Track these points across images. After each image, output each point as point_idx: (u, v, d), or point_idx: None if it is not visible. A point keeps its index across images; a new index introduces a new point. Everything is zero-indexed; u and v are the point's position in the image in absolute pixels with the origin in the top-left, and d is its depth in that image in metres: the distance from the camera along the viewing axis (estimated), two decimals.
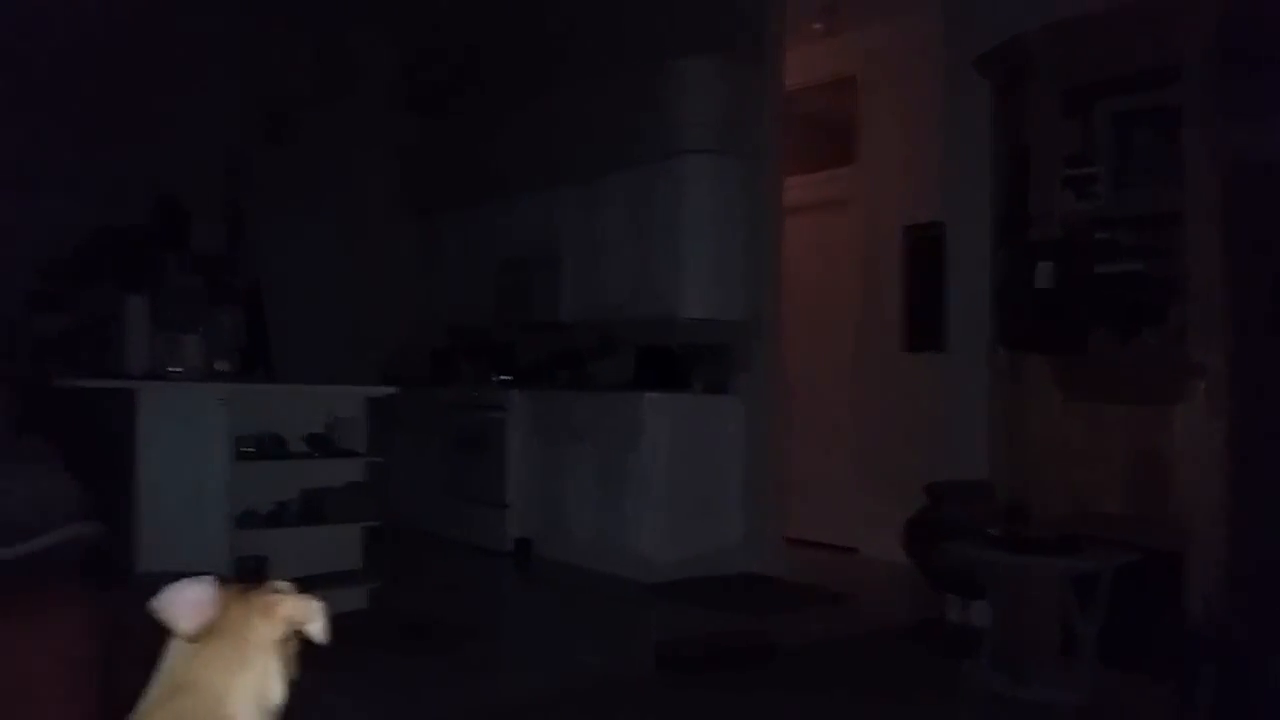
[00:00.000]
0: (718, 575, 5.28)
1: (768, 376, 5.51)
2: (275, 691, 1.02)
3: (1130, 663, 3.37)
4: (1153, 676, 3.31)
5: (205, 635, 1.00)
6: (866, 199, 6.40)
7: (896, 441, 5.94)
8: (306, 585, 1.08)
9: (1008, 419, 3.97)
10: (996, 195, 4.17)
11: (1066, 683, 3.32)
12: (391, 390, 4.98)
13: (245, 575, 3.72)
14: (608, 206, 5.95)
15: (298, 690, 1.05)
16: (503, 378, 6.64)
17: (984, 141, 4.27)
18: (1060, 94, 3.78)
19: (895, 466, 5.78)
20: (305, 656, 1.10)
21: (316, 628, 1.06)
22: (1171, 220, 3.49)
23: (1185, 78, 3.42)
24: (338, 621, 1.08)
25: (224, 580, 1.06)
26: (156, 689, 1.00)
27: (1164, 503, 3.45)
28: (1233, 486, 3.30)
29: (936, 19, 5.02)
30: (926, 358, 5.60)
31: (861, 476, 6.26)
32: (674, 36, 5.90)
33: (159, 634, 1.01)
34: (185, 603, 1.00)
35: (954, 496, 4.17)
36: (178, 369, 4.23)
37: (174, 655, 1.01)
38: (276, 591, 1.05)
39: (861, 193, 6.43)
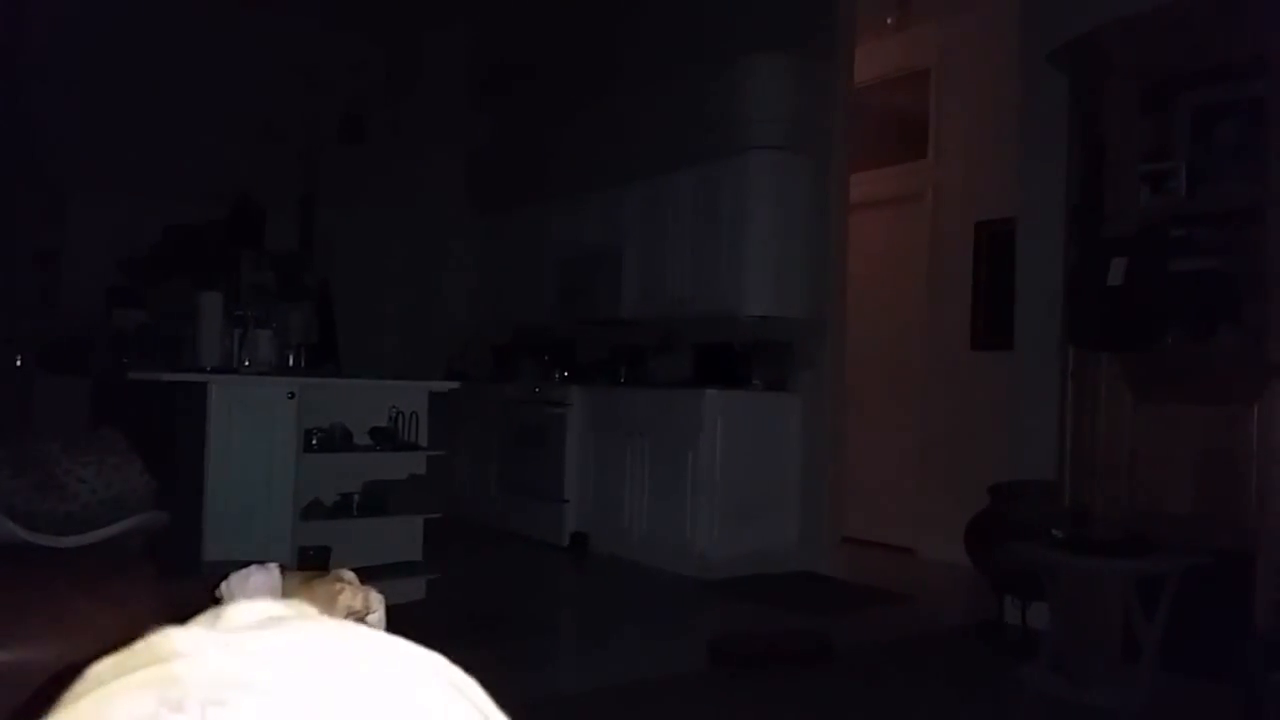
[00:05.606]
0: (774, 573, 5.26)
1: (829, 374, 5.46)
2: None
3: (1194, 668, 3.28)
4: (1217, 683, 3.22)
5: None
6: (937, 194, 6.31)
7: (960, 441, 5.85)
8: (367, 576, 1.10)
9: (1075, 418, 3.88)
10: (1070, 191, 4.08)
11: (1127, 687, 3.24)
12: (454, 385, 5.05)
13: (306, 564, 3.80)
14: (672, 203, 5.95)
15: None
16: (564, 374, 6.69)
17: (1058, 136, 4.18)
18: (1138, 88, 3.68)
19: (958, 466, 5.70)
20: None
21: (376, 618, 1.07)
22: (1250, 216, 3.38)
23: (1269, 70, 3.31)
24: (396, 612, 1.10)
25: (288, 568, 1.09)
26: None
27: (1235, 504, 3.34)
28: None
29: (1011, 12, 4.92)
30: (994, 356, 5.50)
31: (923, 476, 6.17)
32: (741, 32, 5.88)
33: None
34: (250, 589, 1.03)
35: (1018, 497, 4.10)
36: (250, 363, 4.33)
37: None
38: (340, 580, 1.08)
39: (932, 188, 6.34)
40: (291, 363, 4.58)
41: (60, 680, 0.39)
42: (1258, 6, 3.33)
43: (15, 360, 6.50)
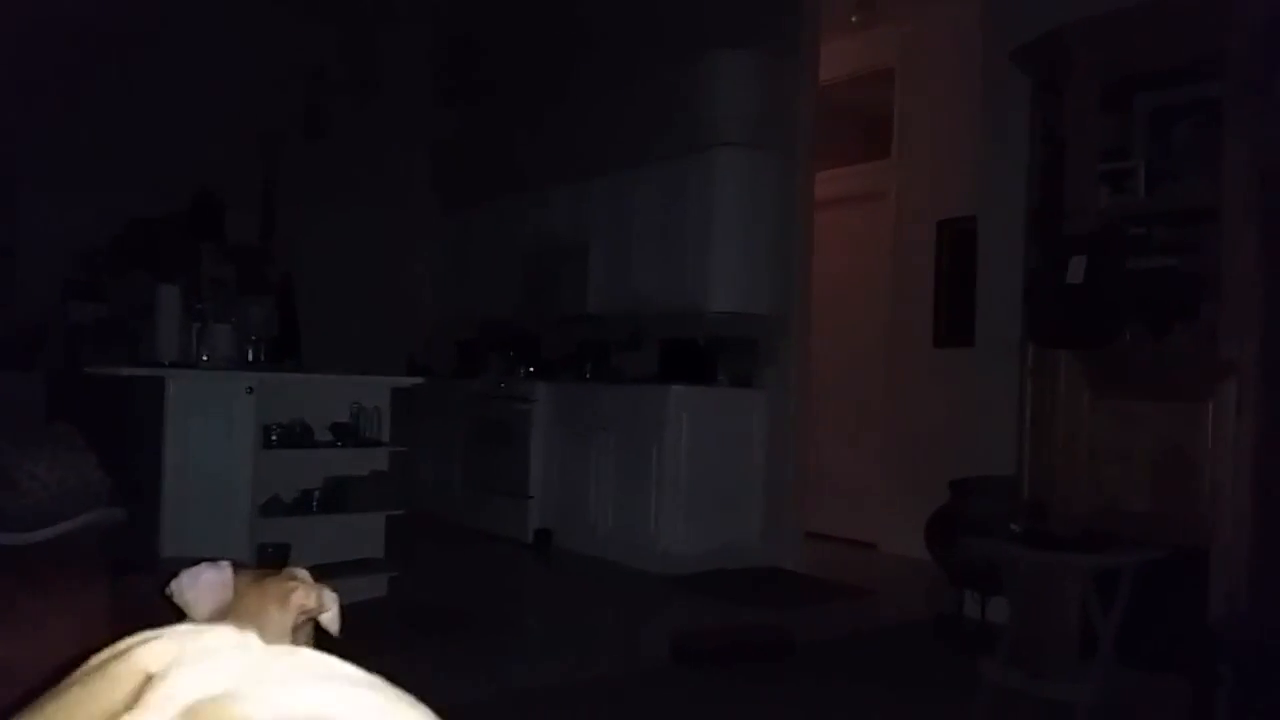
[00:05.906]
0: (737, 569, 5.28)
1: (793, 370, 5.49)
2: None
3: (1149, 662, 3.33)
4: (1172, 676, 3.27)
5: (219, 620, 1.00)
6: (900, 192, 6.36)
7: (922, 437, 5.91)
8: (328, 573, 1.08)
9: (1034, 415, 3.93)
10: (1031, 189, 4.12)
11: (1083, 680, 3.28)
12: (417, 381, 5.02)
13: (265, 562, 3.76)
14: (638, 199, 5.95)
15: None
16: (529, 369, 6.67)
17: (1020, 135, 4.23)
18: (1099, 87, 3.72)
19: (920, 462, 5.75)
20: (321, 646, 1.10)
21: (329, 617, 1.06)
22: (1207, 216, 3.43)
23: (1227, 72, 3.36)
24: (357, 609, 1.09)
25: (241, 566, 1.07)
26: None
27: (1190, 501, 3.40)
28: (1259, 486, 3.25)
29: (974, 11, 4.97)
30: (955, 353, 5.56)
31: (885, 472, 6.23)
32: (708, 29, 5.88)
33: (175, 618, 1.03)
34: (201, 587, 1.01)
35: (978, 492, 4.14)
36: (208, 358, 4.27)
37: None
38: (293, 579, 1.06)
39: (895, 186, 6.39)
40: (251, 357, 4.52)
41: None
42: (1214, 9, 3.38)
43: None
